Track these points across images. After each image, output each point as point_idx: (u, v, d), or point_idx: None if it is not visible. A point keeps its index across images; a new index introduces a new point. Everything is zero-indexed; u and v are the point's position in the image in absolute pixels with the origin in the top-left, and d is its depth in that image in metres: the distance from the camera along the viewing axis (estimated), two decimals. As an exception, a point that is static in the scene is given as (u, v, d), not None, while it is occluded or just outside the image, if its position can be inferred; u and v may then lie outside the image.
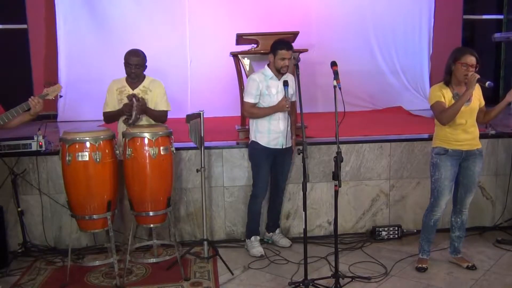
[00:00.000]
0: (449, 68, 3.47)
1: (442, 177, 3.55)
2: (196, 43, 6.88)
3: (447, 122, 3.44)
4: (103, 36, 6.76)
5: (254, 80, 3.93)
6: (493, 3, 8.13)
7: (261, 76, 3.95)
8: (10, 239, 4.13)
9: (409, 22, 7.44)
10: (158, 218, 3.69)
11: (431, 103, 3.51)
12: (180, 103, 6.38)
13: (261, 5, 6.90)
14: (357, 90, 7.01)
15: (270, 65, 3.95)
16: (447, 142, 3.53)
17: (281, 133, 3.93)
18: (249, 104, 3.94)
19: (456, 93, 3.46)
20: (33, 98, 3.32)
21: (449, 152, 3.52)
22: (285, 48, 3.83)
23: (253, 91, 3.90)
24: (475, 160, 3.57)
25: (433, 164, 3.60)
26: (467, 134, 3.51)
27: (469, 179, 3.60)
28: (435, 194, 3.61)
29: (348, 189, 4.47)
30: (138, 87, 3.88)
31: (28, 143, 4.13)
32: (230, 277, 3.67)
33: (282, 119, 3.94)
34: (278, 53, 3.83)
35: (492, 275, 3.63)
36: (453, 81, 3.48)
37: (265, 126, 3.94)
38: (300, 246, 3.89)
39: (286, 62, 3.84)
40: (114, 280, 3.58)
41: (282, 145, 3.97)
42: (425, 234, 3.74)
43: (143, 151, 3.54)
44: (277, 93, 3.92)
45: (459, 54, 3.43)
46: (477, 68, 3.39)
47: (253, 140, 4.01)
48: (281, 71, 3.89)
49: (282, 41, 3.94)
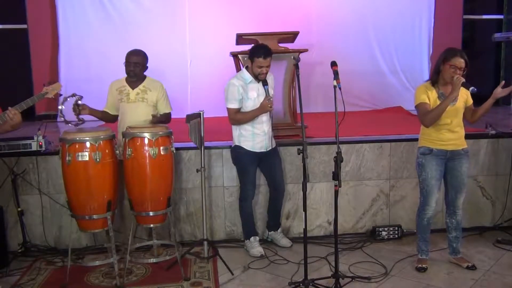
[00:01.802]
0: (437, 67, 3.49)
1: (428, 176, 3.56)
2: (196, 43, 6.88)
3: (429, 124, 3.47)
4: (103, 36, 6.75)
5: (233, 85, 3.85)
6: (493, 3, 8.13)
7: (240, 80, 3.88)
8: (10, 239, 4.14)
9: (409, 22, 7.43)
10: (158, 218, 3.69)
11: (416, 104, 3.54)
12: (180, 103, 6.37)
13: (261, 5, 6.90)
14: (357, 90, 7.01)
15: (249, 69, 3.89)
16: (431, 141, 3.55)
17: (265, 135, 3.92)
18: (233, 110, 3.87)
19: (442, 93, 3.48)
20: (10, 110, 3.17)
21: (433, 151, 3.54)
22: (262, 56, 3.71)
23: (235, 96, 3.84)
24: (461, 160, 3.58)
25: (419, 164, 3.62)
26: (452, 134, 3.52)
27: (457, 179, 3.60)
28: (424, 193, 3.63)
29: (348, 189, 4.47)
30: (138, 87, 3.89)
31: (28, 143, 4.13)
32: (230, 277, 3.67)
33: (265, 122, 3.92)
34: (255, 60, 3.74)
35: (492, 275, 3.63)
36: (440, 81, 3.49)
37: (249, 130, 3.90)
38: (300, 246, 3.88)
39: (264, 70, 3.75)
40: (114, 280, 3.58)
41: (266, 148, 3.96)
42: (421, 234, 3.75)
43: (143, 151, 3.55)
44: (257, 96, 3.87)
45: (449, 55, 3.43)
46: (465, 71, 3.40)
47: (236, 145, 3.98)
48: (258, 77, 3.81)
49: (261, 47, 3.81)
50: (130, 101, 3.89)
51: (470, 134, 4.14)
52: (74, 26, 6.76)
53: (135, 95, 3.89)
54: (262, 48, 3.79)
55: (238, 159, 4.02)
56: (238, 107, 3.88)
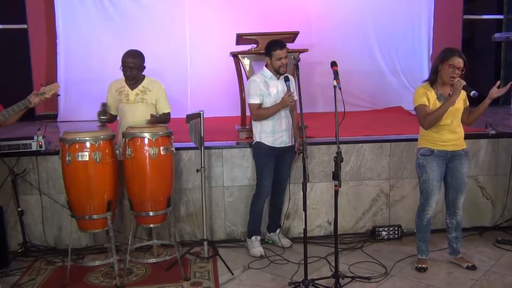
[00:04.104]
0: (436, 67, 3.48)
1: (429, 178, 3.55)
2: (196, 43, 6.88)
3: (429, 127, 3.46)
4: (103, 36, 6.74)
5: (254, 81, 3.95)
6: (493, 3, 8.12)
7: (261, 76, 3.97)
8: (10, 239, 4.13)
9: (409, 22, 7.42)
10: (158, 218, 3.69)
11: (415, 105, 3.52)
12: (180, 103, 6.38)
13: (261, 5, 6.89)
14: (357, 90, 7.00)
15: (268, 66, 3.96)
16: (432, 142, 3.53)
17: (284, 131, 3.96)
18: (255, 106, 3.94)
19: (440, 94, 3.47)
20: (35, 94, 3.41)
21: (434, 152, 3.53)
22: (279, 48, 3.85)
23: (256, 91, 3.92)
24: (461, 160, 3.57)
25: (420, 166, 3.60)
26: (452, 134, 3.51)
27: (457, 180, 3.60)
28: (425, 194, 3.62)
29: (348, 189, 4.47)
30: (137, 87, 3.89)
31: (28, 143, 4.13)
32: (230, 277, 3.67)
33: (284, 118, 3.96)
34: (274, 54, 3.85)
35: (492, 275, 3.63)
36: (438, 81, 3.48)
37: (270, 126, 3.95)
38: (300, 246, 3.88)
39: (284, 61, 3.86)
40: (114, 280, 3.58)
41: (286, 143, 3.99)
42: (420, 234, 3.74)
43: (143, 151, 3.54)
44: (277, 93, 3.93)
45: (447, 55, 3.42)
46: (463, 71, 3.39)
47: (257, 141, 4.02)
48: (280, 71, 3.90)
49: (275, 41, 3.95)
50: (130, 102, 3.88)
51: (470, 134, 4.15)
52: (74, 26, 6.75)
53: (134, 96, 3.88)
54: (277, 41, 3.94)
55: (258, 154, 4.05)
56: (259, 103, 3.93)
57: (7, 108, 3.38)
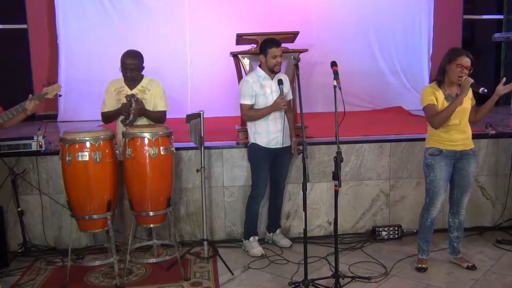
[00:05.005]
0: (443, 68, 3.47)
1: (437, 177, 3.54)
2: (196, 43, 6.88)
3: (438, 126, 3.45)
4: (103, 36, 6.75)
5: (247, 82, 3.93)
6: (493, 3, 8.13)
7: (254, 77, 3.96)
8: (10, 239, 4.13)
9: (409, 22, 7.43)
10: (158, 218, 3.69)
11: (424, 105, 3.51)
12: (180, 103, 6.39)
13: (261, 5, 6.90)
14: (357, 90, 7.01)
15: (262, 66, 3.96)
16: (441, 142, 3.52)
17: (279, 132, 3.93)
18: (246, 107, 3.93)
19: (448, 94, 3.46)
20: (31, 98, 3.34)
21: (443, 152, 3.52)
22: (274, 45, 3.85)
23: (248, 92, 3.90)
24: (469, 160, 3.57)
25: (427, 165, 3.59)
26: (461, 134, 3.51)
27: (464, 179, 3.59)
28: (430, 194, 3.61)
29: (348, 189, 4.47)
30: (136, 87, 3.88)
31: (28, 143, 4.13)
32: (230, 277, 3.67)
33: (278, 118, 3.94)
34: (269, 51, 3.85)
35: (492, 275, 3.63)
36: (446, 81, 3.48)
37: (263, 127, 3.93)
38: (300, 246, 3.89)
39: (278, 59, 3.86)
40: (114, 280, 3.58)
41: (281, 144, 3.97)
42: (423, 234, 3.74)
43: (143, 151, 3.54)
44: (271, 93, 3.92)
45: (454, 54, 3.42)
46: (471, 70, 3.38)
47: (252, 142, 4.01)
48: (274, 69, 3.89)
49: (270, 39, 3.96)
50: (130, 101, 3.87)
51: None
52: (74, 26, 6.76)
53: (134, 96, 3.87)
54: (272, 39, 3.95)
55: (254, 156, 4.04)
56: (251, 104, 3.92)
57: (6, 111, 3.35)
